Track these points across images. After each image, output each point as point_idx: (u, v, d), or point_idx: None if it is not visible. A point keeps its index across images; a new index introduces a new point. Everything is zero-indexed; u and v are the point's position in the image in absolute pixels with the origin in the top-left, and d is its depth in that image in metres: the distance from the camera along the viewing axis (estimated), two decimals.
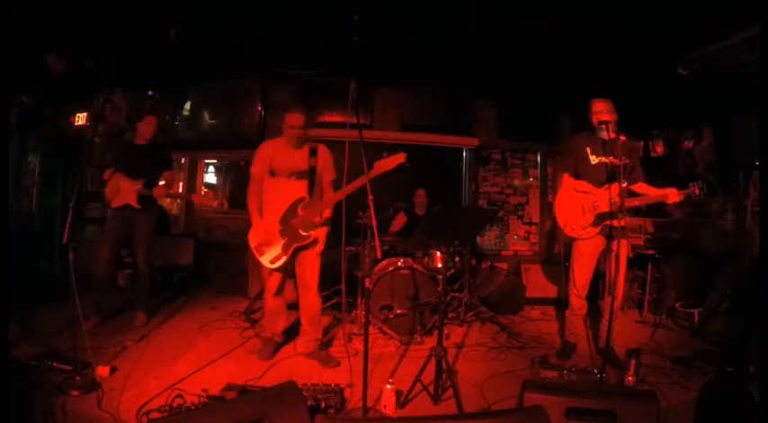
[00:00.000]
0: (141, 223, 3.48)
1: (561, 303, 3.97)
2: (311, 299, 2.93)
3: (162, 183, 3.47)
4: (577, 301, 3.10)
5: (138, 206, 3.38)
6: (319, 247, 2.90)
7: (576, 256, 3.09)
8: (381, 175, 2.49)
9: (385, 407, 2.25)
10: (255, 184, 2.89)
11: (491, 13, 3.61)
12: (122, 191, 3.38)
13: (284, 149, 2.89)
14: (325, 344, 3.16)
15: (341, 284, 3.37)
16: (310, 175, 2.88)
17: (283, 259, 2.82)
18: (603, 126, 2.83)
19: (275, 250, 2.83)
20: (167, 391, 2.27)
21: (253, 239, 2.87)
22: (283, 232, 2.82)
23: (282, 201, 2.84)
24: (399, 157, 2.57)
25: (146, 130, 3.45)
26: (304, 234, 2.81)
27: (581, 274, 3.06)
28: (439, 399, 2.40)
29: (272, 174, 2.86)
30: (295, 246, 2.82)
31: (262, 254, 2.85)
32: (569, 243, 3.15)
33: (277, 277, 2.93)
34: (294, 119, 2.83)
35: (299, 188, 2.86)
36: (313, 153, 2.89)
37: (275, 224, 2.83)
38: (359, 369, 2.19)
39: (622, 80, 4.43)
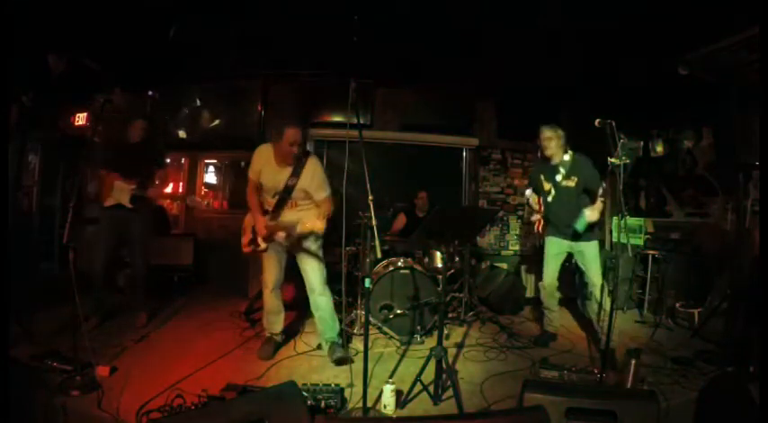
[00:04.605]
0: (136, 224, 3.42)
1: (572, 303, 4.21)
2: (316, 299, 2.97)
3: (156, 183, 3.45)
4: (544, 292, 3.48)
5: (130, 206, 3.32)
6: (316, 246, 2.94)
7: (545, 255, 3.46)
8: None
9: (385, 407, 2.25)
10: (253, 185, 2.96)
11: (491, 13, 3.61)
12: (116, 190, 3.33)
13: (272, 165, 2.86)
14: (339, 344, 3.06)
15: (341, 284, 3.37)
16: (290, 192, 2.87)
17: (258, 246, 2.89)
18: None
19: (255, 237, 2.91)
20: (167, 391, 2.27)
21: (248, 224, 2.97)
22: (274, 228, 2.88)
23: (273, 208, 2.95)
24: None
25: (134, 133, 3.43)
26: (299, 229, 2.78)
27: (546, 271, 3.42)
28: (439, 399, 2.40)
29: (260, 186, 2.93)
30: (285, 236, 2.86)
31: (244, 233, 2.97)
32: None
33: (271, 272, 2.96)
34: (294, 134, 2.72)
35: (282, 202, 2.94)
36: (296, 172, 2.82)
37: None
38: (359, 369, 2.20)
39: (622, 80, 4.44)
